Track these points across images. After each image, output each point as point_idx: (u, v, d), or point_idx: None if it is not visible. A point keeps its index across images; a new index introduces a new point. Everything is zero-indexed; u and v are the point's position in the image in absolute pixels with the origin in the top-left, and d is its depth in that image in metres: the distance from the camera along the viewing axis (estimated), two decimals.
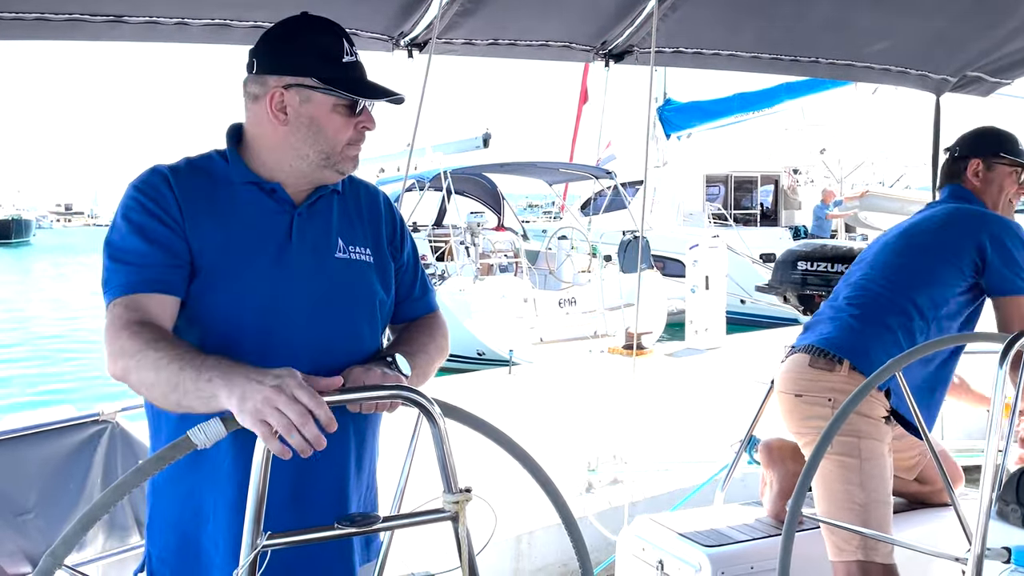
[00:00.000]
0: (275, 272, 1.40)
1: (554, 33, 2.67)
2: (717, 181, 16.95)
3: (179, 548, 1.42)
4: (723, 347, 9.16)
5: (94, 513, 1.06)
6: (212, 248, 1.37)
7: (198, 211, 1.37)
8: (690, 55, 2.85)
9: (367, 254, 1.49)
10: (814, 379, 2.21)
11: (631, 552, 2.49)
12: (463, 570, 1.19)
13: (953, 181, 2.41)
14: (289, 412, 1.12)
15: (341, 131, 1.40)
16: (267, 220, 1.42)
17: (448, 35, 2.47)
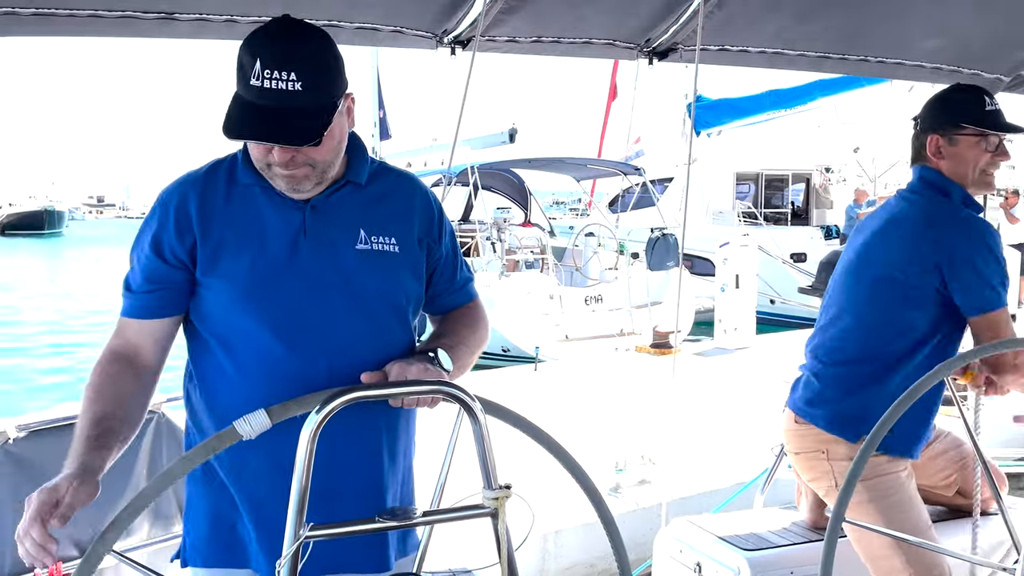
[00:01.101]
0: (289, 267, 1.39)
1: (597, 31, 2.65)
2: (747, 179, 16.74)
3: (211, 537, 1.47)
4: (752, 347, 9.02)
5: (142, 500, 1.13)
6: (225, 248, 1.39)
7: (211, 216, 1.40)
8: (735, 53, 2.80)
9: (392, 244, 1.45)
10: (803, 435, 2.20)
11: (668, 554, 2.47)
12: (502, 567, 1.20)
13: (920, 161, 2.13)
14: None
15: (255, 152, 1.35)
16: (280, 217, 1.41)
17: (491, 32, 2.46)
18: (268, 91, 1.25)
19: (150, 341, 1.43)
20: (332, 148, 1.36)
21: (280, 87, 1.25)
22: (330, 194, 1.42)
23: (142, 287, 1.42)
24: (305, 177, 1.34)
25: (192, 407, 1.48)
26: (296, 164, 1.32)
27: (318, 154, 1.33)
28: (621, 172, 12.78)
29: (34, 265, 32.51)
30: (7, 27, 1.95)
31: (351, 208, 1.44)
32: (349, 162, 1.45)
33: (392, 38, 2.35)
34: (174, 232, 1.39)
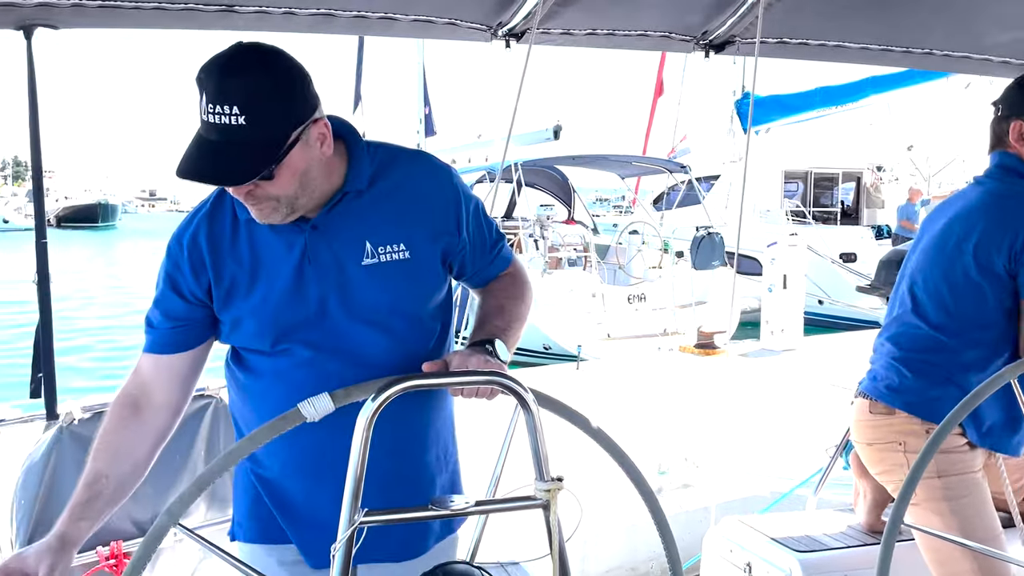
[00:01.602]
0: (297, 296, 1.38)
1: (653, 23, 2.60)
2: (796, 177, 16.44)
3: (252, 515, 1.51)
4: (799, 349, 8.85)
5: (207, 477, 1.16)
6: (239, 288, 1.40)
7: (221, 256, 1.40)
8: (795, 46, 2.72)
9: (402, 251, 1.41)
10: (878, 425, 2.12)
11: (718, 553, 2.45)
12: (553, 558, 1.20)
13: (999, 147, 2.05)
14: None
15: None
16: (283, 245, 1.39)
17: (546, 25, 2.42)
18: (213, 126, 1.23)
19: (167, 377, 1.44)
20: (292, 182, 1.30)
21: (223, 122, 1.21)
22: (330, 209, 1.38)
23: (163, 323, 1.43)
24: (273, 210, 1.31)
25: (231, 395, 1.54)
26: (256, 199, 1.29)
27: (276, 188, 1.28)
28: (666, 169, 12.66)
29: (89, 256, 33.47)
30: (74, 19, 1.99)
31: (354, 220, 1.40)
32: (347, 169, 1.40)
33: (447, 31, 2.34)
34: (189, 272, 1.40)
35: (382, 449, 1.24)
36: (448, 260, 1.49)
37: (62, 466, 2.08)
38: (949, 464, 1.98)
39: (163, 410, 1.44)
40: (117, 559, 2.11)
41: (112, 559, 2.10)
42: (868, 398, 2.15)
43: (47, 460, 2.07)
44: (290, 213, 1.34)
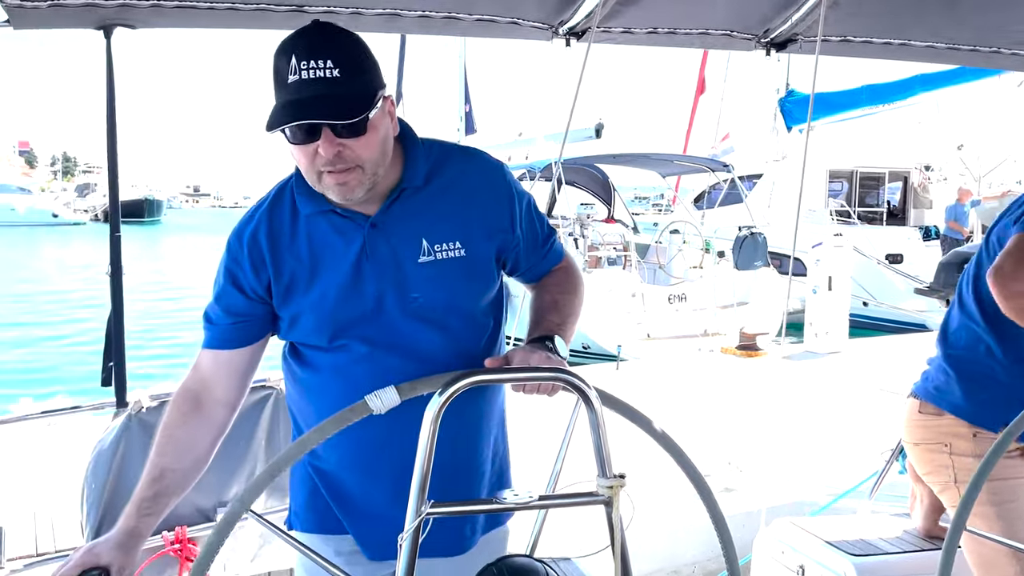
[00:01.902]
0: (355, 292, 1.40)
1: (714, 21, 2.58)
2: (841, 176, 16.14)
3: (309, 505, 1.53)
4: (844, 351, 8.71)
5: (278, 466, 1.18)
6: (298, 284, 1.41)
7: (280, 253, 1.41)
8: (858, 44, 2.68)
9: (457, 248, 1.42)
10: (926, 425, 2.12)
11: (769, 555, 2.42)
12: (615, 556, 1.20)
13: None
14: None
15: (302, 160, 1.32)
16: (343, 242, 1.40)
17: (607, 24, 2.42)
18: (306, 82, 1.25)
19: (226, 372, 1.47)
20: (377, 145, 1.32)
21: (318, 75, 1.24)
22: (388, 207, 1.40)
23: (223, 319, 1.45)
24: (358, 183, 1.32)
25: (288, 389, 1.56)
26: (344, 161, 1.29)
27: (364, 150, 1.30)
28: (709, 168, 12.54)
29: (137, 251, 34.22)
30: (152, 19, 2.04)
31: (411, 218, 1.41)
32: (404, 165, 1.42)
33: (509, 30, 2.35)
34: (250, 268, 1.42)
35: (439, 442, 1.26)
36: (502, 257, 1.50)
37: (130, 453, 2.15)
38: (997, 469, 1.96)
39: (222, 405, 1.47)
40: (182, 544, 2.17)
41: (177, 543, 2.17)
42: (918, 398, 2.14)
43: (116, 447, 2.14)
44: (369, 188, 1.34)
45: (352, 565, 1.45)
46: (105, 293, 2.25)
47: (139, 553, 1.37)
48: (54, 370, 11.95)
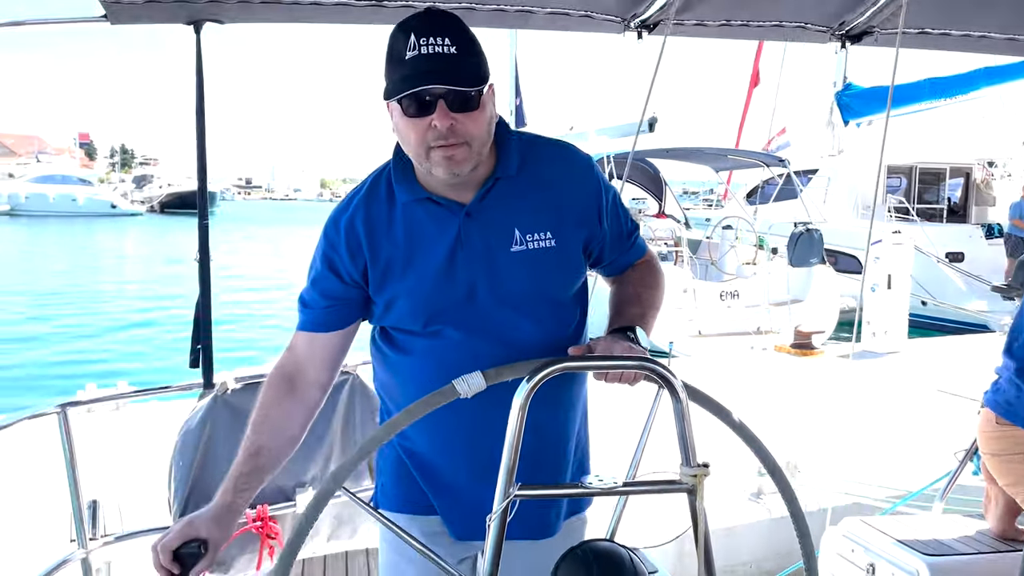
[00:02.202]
0: (448, 279, 1.43)
1: (789, 13, 2.54)
2: (899, 172, 15.75)
3: (396, 485, 1.58)
4: (903, 352, 8.52)
5: (368, 447, 1.21)
6: (394, 270, 1.45)
7: (377, 239, 1.45)
8: (936, 36, 2.62)
9: (548, 239, 1.45)
10: (1001, 436, 2.14)
11: (837, 553, 2.40)
12: (698, 545, 1.20)
13: None
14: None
15: (413, 135, 1.35)
16: (438, 229, 1.43)
17: (681, 16, 2.41)
18: (425, 56, 1.29)
19: (321, 355, 1.51)
20: (485, 124, 1.36)
21: (436, 50, 1.29)
22: (483, 196, 1.43)
23: (319, 303, 1.49)
24: (464, 158, 1.35)
25: (378, 371, 1.60)
26: (455, 135, 1.32)
27: (474, 126, 1.34)
28: (764, 163, 12.34)
29: (193, 241, 35.00)
30: (239, 14, 2.10)
31: (505, 208, 1.44)
32: (497, 155, 1.45)
33: (581, 23, 2.36)
34: (346, 254, 1.45)
35: (525, 427, 1.28)
36: (589, 248, 1.53)
37: (216, 433, 2.22)
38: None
39: (315, 386, 1.52)
40: (263, 521, 2.24)
41: (259, 521, 2.24)
42: (991, 411, 2.16)
43: (203, 427, 2.22)
44: (473, 168, 1.38)
45: (437, 545, 1.48)
46: (164, 282, 2.32)
47: (234, 527, 1.42)
48: (120, 359, 12.35)
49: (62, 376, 10.61)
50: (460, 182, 1.40)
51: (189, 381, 2.32)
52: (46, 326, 14.48)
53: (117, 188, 61.31)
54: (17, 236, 35.05)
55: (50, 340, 13.33)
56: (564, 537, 1.53)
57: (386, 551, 1.61)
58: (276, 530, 2.27)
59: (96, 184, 55.50)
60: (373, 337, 1.59)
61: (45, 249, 29.82)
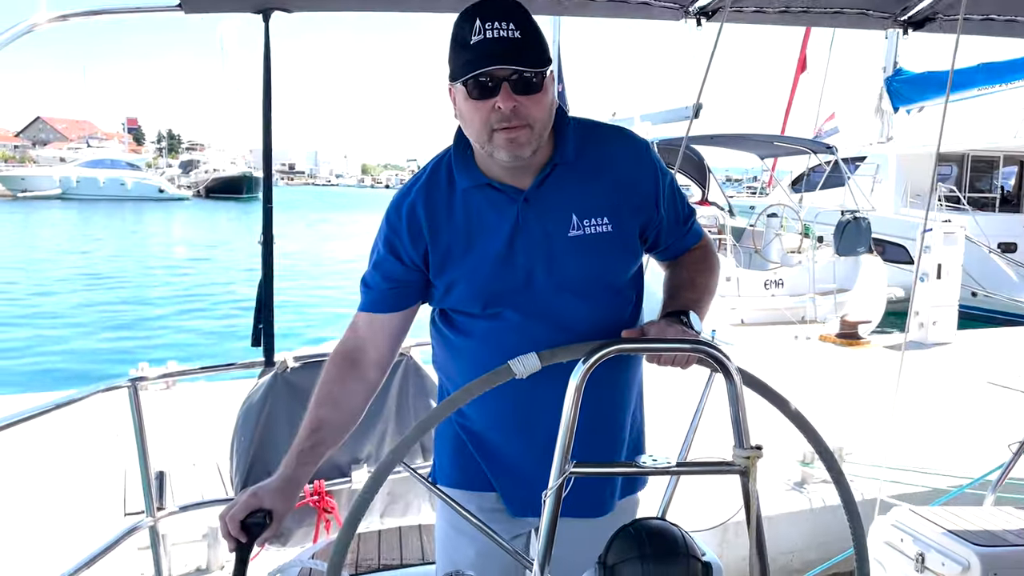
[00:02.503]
0: (507, 263, 1.45)
1: (849, 0, 2.50)
2: (951, 160, 15.35)
3: (454, 462, 1.61)
4: (953, 343, 8.35)
5: (428, 423, 1.24)
6: (454, 254, 1.48)
7: (438, 224, 1.48)
8: (1001, 23, 2.56)
9: (605, 224, 1.47)
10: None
11: (886, 541, 2.39)
12: (750, 526, 1.21)
13: None
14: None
15: (476, 118, 1.37)
16: (497, 215, 1.46)
17: (739, 3, 2.40)
18: (491, 40, 1.32)
19: (382, 335, 1.55)
20: (546, 107, 1.38)
21: (501, 35, 1.32)
22: (541, 182, 1.45)
23: (381, 285, 1.53)
24: (526, 140, 1.37)
25: (437, 352, 1.64)
26: (518, 118, 1.35)
27: (536, 109, 1.36)
28: (811, 150, 12.11)
29: (237, 226, 35.68)
30: (306, 2, 2.13)
31: (563, 193, 1.46)
32: (556, 141, 1.47)
33: (639, 10, 2.35)
34: (408, 239, 1.49)
35: (581, 407, 1.30)
36: (645, 234, 1.54)
37: (276, 408, 2.30)
38: None
39: (375, 365, 1.56)
40: (320, 496, 2.31)
41: (316, 495, 2.31)
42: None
43: (264, 403, 2.29)
44: (535, 150, 1.41)
45: (493, 522, 1.51)
46: (209, 266, 2.38)
47: (296, 499, 1.47)
48: (169, 340, 12.67)
49: (111, 355, 10.95)
50: (520, 166, 1.42)
51: (251, 359, 2.39)
52: (96, 308, 14.92)
53: (164, 173, 62.56)
54: (69, 219, 36.06)
55: (100, 322, 13.74)
56: (617, 516, 1.55)
57: (443, 526, 1.65)
58: (332, 504, 2.33)
59: (144, 169, 56.77)
60: (433, 319, 1.62)
61: (96, 232, 30.63)
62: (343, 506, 2.36)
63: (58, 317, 13.93)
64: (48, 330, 12.90)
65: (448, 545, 1.64)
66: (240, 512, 1.40)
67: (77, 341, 12.21)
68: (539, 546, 1.19)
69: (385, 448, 2.41)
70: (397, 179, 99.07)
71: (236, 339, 12.12)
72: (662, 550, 1.09)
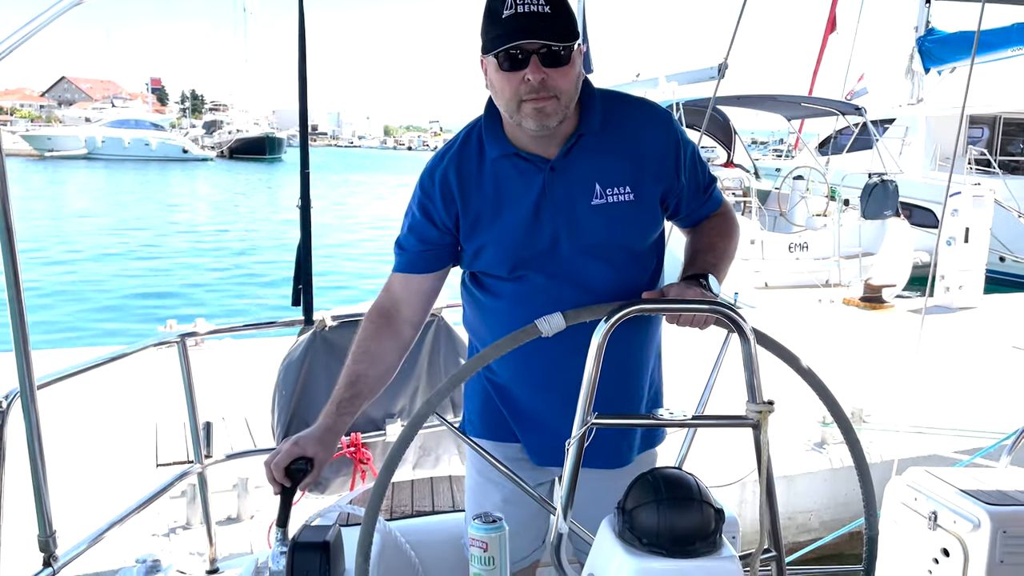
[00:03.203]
0: (534, 229, 1.51)
1: None
2: (981, 122, 15.03)
3: (482, 413, 1.70)
4: (979, 307, 8.31)
5: (460, 376, 1.31)
6: (483, 220, 1.54)
7: (468, 191, 1.55)
8: None
9: (627, 193, 1.52)
10: None
11: (900, 501, 2.44)
12: (760, 477, 1.27)
13: None
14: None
15: (506, 88, 1.42)
16: (524, 183, 1.52)
17: None
18: (520, 15, 1.36)
19: (415, 295, 1.62)
20: (574, 79, 1.43)
21: (532, 9, 1.36)
22: (567, 152, 1.50)
23: (415, 247, 1.59)
24: (554, 111, 1.42)
25: (467, 312, 1.72)
26: (547, 89, 1.40)
27: (564, 80, 1.41)
28: (839, 111, 11.93)
29: (262, 185, 35.83)
30: None
31: (587, 163, 1.51)
32: (581, 113, 1.51)
33: None
34: (441, 203, 1.55)
35: (603, 365, 1.36)
36: (666, 201, 1.60)
37: (315, 365, 2.39)
38: None
39: (408, 323, 1.64)
40: (356, 448, 2.42)
41: (352, 447, 2.42)
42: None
43: (303, 359, 2.39)
44: (561, 120, 1.47)
45: (518, 470, 1.60)
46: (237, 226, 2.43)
47: (336, 447, 1.56)
48: (197, 297, 12.89)
49: (143, 310, 11.20)
50: (546, 136, 1.48)
51: (291, 317, 2.48)
52: (125, 268, 15.19)
53: (188, 133, 62.78)
54: (96, 179, 36.45)
55: (130, 279, 14.00)
56: (636, 468, 1.63)
57: (472, 475, 1.75)
58: (368, 456, 2.44)
59: (168, 129, 56.97)
60: (463, 281, 1.70)
61: (124, 192, 30.97)
62: (378, 457, 2.46)
63: (89, 276, 14.21)
64: (75, 286, 13.18)
65: (477, 491, 1.73)
66: (284, 459, 1.49)
67: (103, 299, 12.49)
68: (562, 492, 1.26)
69: (417, 403, 2.51)
70: (419, 141, 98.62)
71: (266, 296, 12.33)
72: (677, 495, 1.14)
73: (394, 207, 22.72)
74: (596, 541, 1.23)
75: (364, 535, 1.23)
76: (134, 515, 2.11)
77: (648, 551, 1.11)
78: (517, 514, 1.61)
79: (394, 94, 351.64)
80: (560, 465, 1.30)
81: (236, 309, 11.72)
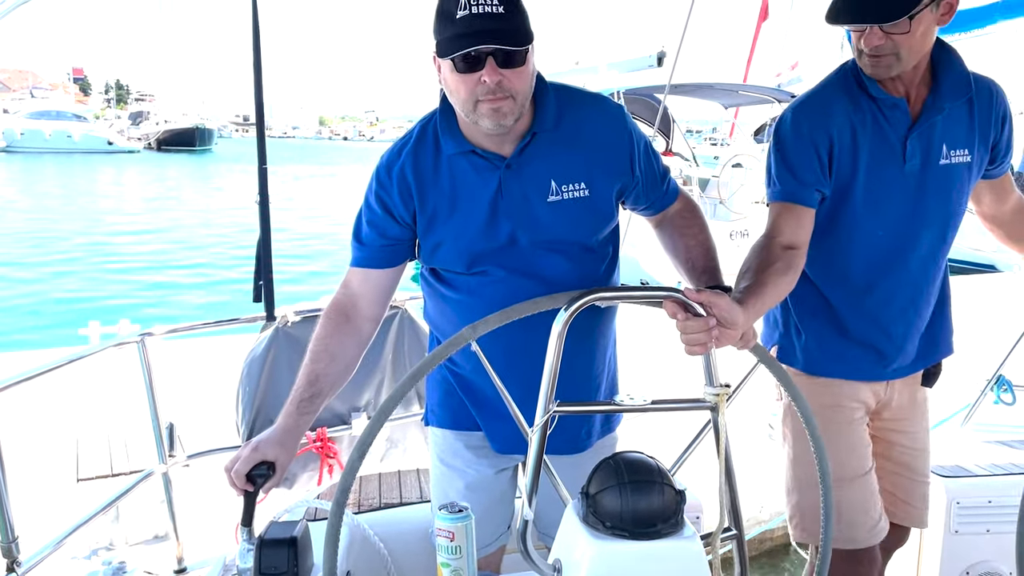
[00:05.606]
0: (489, 226, 1.53)
1: None
2: None
3: (444, 403, 1.73)
4: None
5: (424, 367, 1.32)
6: (440, 216, 1.55)
7: (425, 188, 1.55)
8: None
9: (582, 189, 1.55)
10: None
11: None
12: (719, 457, 1.32)
13: None
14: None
15: (462, 89, 1.42)
16: (481, 181, 1.53)
17: None
18: (477, 16, 1.35)
19: (375, 290, 1.62)
20: (528, 79, 1.44)
21: (486, 10, 1.36)
22: (522, 150, 1.52)
23: (376, 241, 1.59)
24: (510, 111, 1.43)
25: (428, 304, 1.73)
26: (502, 90, 1.40)
27: (519, 81, 1.42)
28: (775, 99, 12.22)
29: (189, 178, 34.83)
30: None
31: (542, 160, 1.53)
32: (535, 111, 1.52)
33: None
34: (398, 198, 1.55)
35: (563, 353, 1.39)
36: (622, 197, 1.64)
37: (278, 361, 2.35)
38: None
39: (367, 319, 1.63)
40: (323, 442, 2.39)
41: (319, 442, 2.39)
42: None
43: (266, 356, 2.34)
44: (516, 119, 1.46)
45: (480, 457, 1.70)
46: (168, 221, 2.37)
47: (297, 448, 1.55)
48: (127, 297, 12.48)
49: (67, 314, 10.78)
50: (502, 133, 1.49)
51: (254, 314, 2.43)
52: (52, 266, 14.60)
53: (113, 125, 60.67)
54: (14, 173, 34.88)
55: (55, 278, 13.47)
56: (596, 452, 1.68)
57: (435, 464, 1.78)
58: (334, 450, 2.41)
59: (91, 120, 54.84)
60: (422, 274, 1.70)
61: (45, 187, 29.73)
62: (344, 451, 2.44)
63: (9, 277, 13.61)
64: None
65: (441, 480, 1.76)
66: (243, 467, 1.47)
67: (27, 299, 11.99)
68: (527, 478, 1.28)
69: (382, 396, 2.49)
70: (355, 131, 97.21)
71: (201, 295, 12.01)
72: (639, 478, 1.17)
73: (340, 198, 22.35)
74: (561, 526, 1.25)
75: (331, 529, 1.22)
76: (98, 518, 2.05)
77: (612, 534, 1.14)
78: (481, 500, 1.66)
79: (328, 84, 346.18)
80: (521, 452, 1.32)
81: (188, 312, 11.36)
